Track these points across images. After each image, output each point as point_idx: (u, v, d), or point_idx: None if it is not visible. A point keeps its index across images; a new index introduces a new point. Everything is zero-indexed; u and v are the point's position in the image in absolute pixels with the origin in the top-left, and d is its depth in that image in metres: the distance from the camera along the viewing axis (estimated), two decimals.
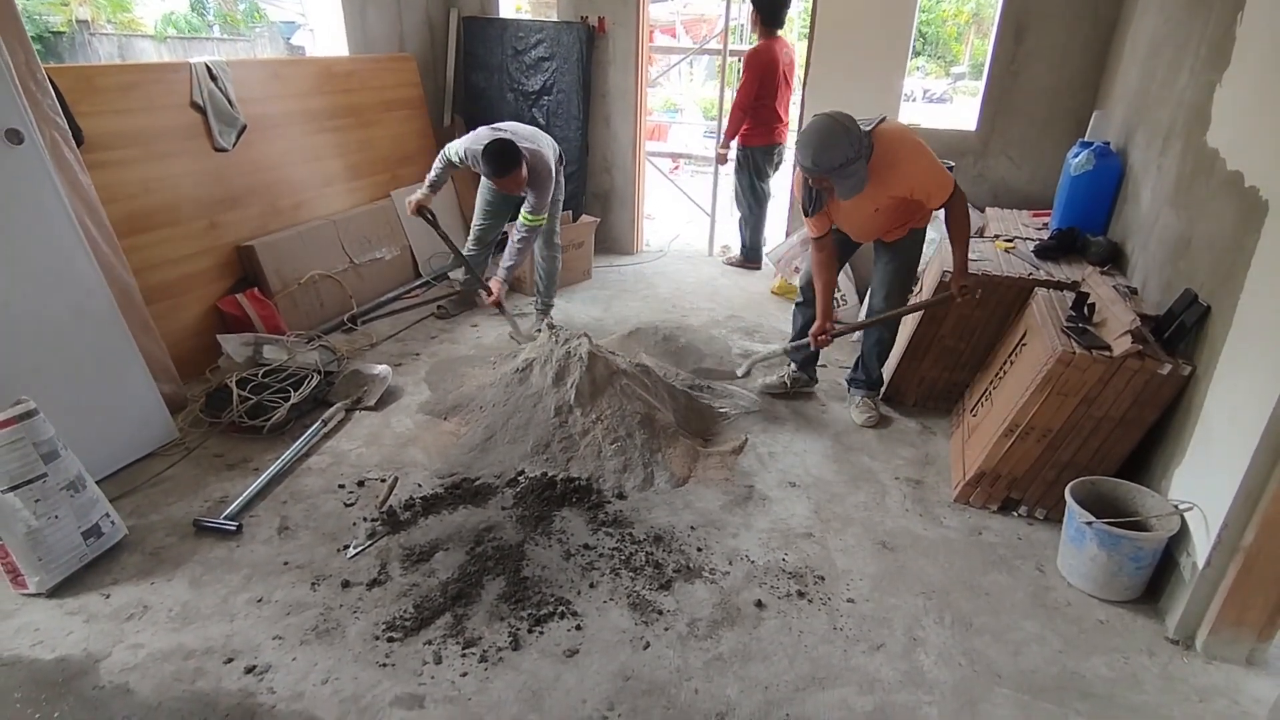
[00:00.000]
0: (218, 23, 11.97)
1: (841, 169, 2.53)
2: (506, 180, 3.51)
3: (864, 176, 2.59)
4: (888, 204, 2.77)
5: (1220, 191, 2.28)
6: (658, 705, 1.88)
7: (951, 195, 2.73)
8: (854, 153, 2.52)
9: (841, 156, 2.51)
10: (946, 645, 2.08)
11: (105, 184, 2.97)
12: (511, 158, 3.45)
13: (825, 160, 2.53)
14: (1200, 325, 2.25)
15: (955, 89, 16.76)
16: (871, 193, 2.69)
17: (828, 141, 2.51)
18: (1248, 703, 1.92)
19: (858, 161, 2.54)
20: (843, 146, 2.50)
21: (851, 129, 2.53)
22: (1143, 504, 2.30)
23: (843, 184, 2.59)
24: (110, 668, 1.95)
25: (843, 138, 2.51)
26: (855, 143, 2.52)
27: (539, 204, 3.63)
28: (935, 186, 2.70)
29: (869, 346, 3.24)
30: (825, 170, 2.56)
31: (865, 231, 3.02)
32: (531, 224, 3.67)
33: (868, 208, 2.80)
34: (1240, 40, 2.35)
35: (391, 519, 2.53)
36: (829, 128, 2.53)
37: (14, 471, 2.09)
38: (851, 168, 2.54)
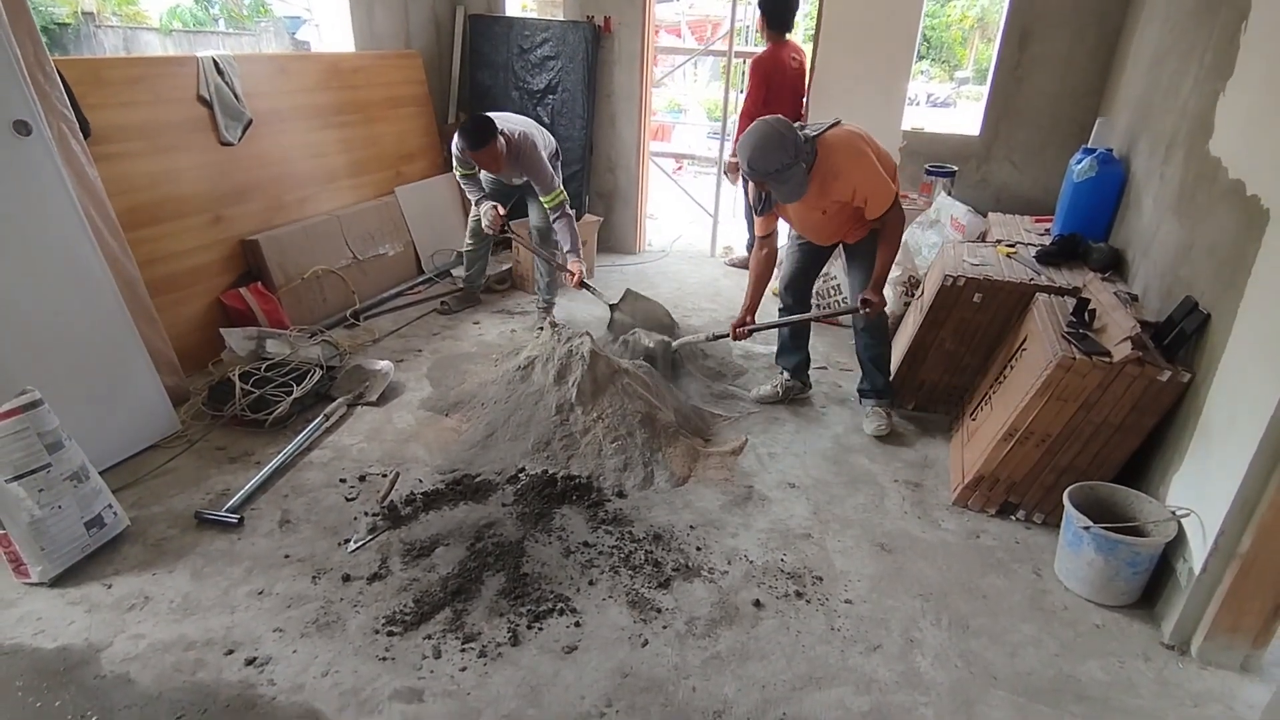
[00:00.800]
0: (222, 16, 11.97)
1: (778, 174, 2.60)
2: (483, 153, 3.54)
3: (802, 181, 2.65)
4: (833, 208, 2.82)
5: (1222, 200, 2.29)
6: (655, 702, 1.89)
7: (889, 209, 2.77)
8: (789, 159, 2.57)
9: (776, 162, 2.58)
10: (943, 647, 2.09)
11: (112, 177, 2.98)
12: (486, 130, 3.50)
13: (760, 165, 2.60)
14: (1200, 333, 2.27)
15: (959, 93, 16.78)
16: (816, 197, 2.75)
17: (763, 147, 2.58)
18: (1242, 709, 1.93)
19: (794, 167, 2.59)
20: (777, 153, 2.57)
21: (787, 135, 2.58)
22: (1140, 509, 2.31)
23: (780, 188, 2.67)
24: (111, 657, 1.96)
25: (777, 143, 2.57)
26: (791, 149, 2.57)
27: (543, 182, 3.69)
28: (873, 195, 2.73)
29: (861, 355, 3.23)
30: (761, 174, 2.63)
31: (819, 234, 3.05)
32: (554, 202, 3.74)
33: (815, 212, 2.86)
34: (1244, 50, 2.37)
35: (392, 514, 2.54)
36: (764, 133, 2.59)
37: (18, 461, 2.10)
38: (788, 173, 2.60)
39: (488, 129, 3.50)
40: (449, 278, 4.85)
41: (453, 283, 4.75)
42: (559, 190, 3.75)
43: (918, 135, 4.66)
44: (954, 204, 4.12)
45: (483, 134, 3.50)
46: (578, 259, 3.85)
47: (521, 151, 3.65)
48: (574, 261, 3.85)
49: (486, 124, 3.51)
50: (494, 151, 3.55)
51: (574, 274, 3.84)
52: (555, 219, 3.80)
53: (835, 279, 4.21)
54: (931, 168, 4.40)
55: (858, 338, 3.20)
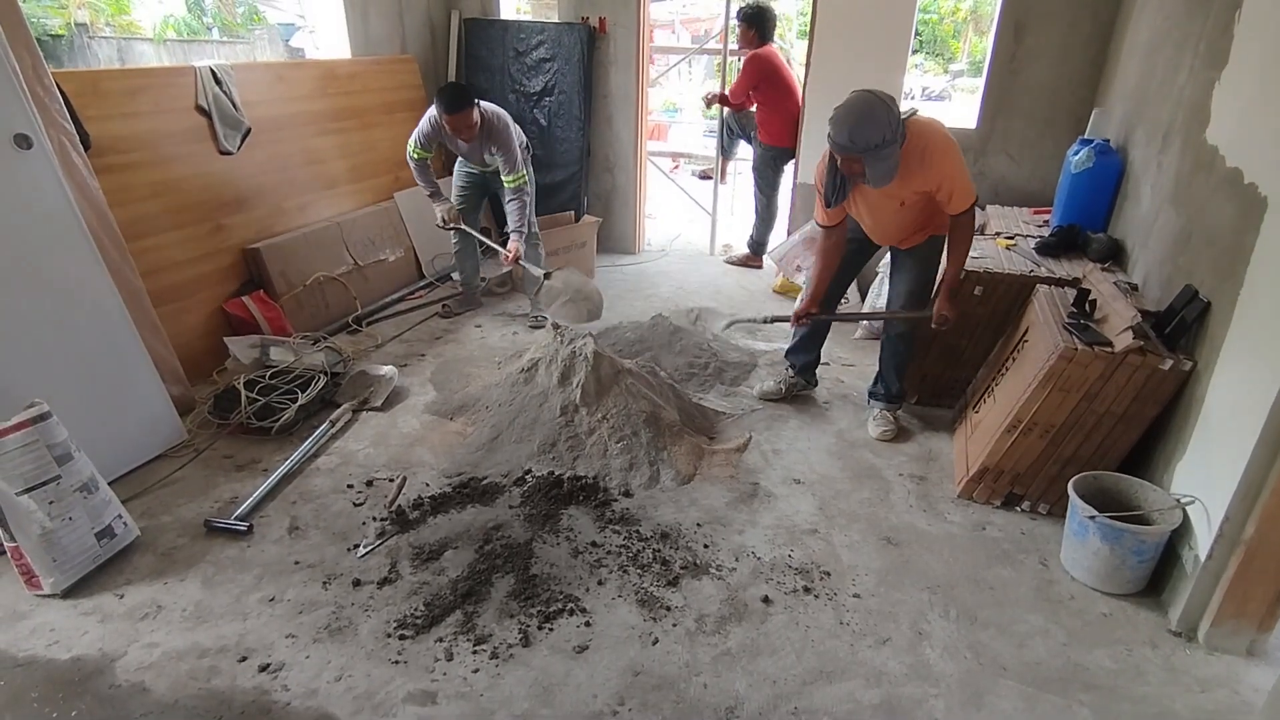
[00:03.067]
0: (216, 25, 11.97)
1: (877, 150, 2.42)
2: (458, 118, 3.57)
3: (897, 163, 2.50)
4: (913, 200, 2.68)
5: (1220, 188, 2.30)
6: (667, 700, 1.90)
7: (970, 206, 2.66)
8: (891, 134, 2.41)
9: (879, 135, 2.40)
10: (952, 639, 2.10)
11: (113, 188, 2.99)
12: (465, 95, 3.56)
13: (862, 137, 2.40)
14: (1201, 321, 2.28)
15: (954, 86, 16.77)
16: (899, 185, 2.60)
17: (867, 117, 2.39)
18: (1248, 692, 1.95)
19: (893, 145, 2.44)
20: (881, 124, 2.39)
21: (892, 108, 2.43)
22: (1145, 498, 2.32)
23: (875, 167, 2.48)
24: (126, 667, 1.97)
25: (883, 114, 2.40)
26: (894, 124, 2.42)
27: (509, 160, 3.74)
28: (960, 188, 2.61)
29: (886, 359, 3.17)
30: (861, 149, 2.43)
31: (886, 230, 2.91)
32: (514, 183, 3.79)
33: (893, 202, 2.72)
34: (1239, 38, 2.37)
35: (400, 518, 2.55)
36: (869, 102, 2.41)
37: (28, 474, 2.11)
38: (887, 149, 2.44)
39: (466, 94, 3.57)
40: (450, 281, 4.86)
41: (453, 286, 4.76)
42: (522, 173, 3.83)
43: None
44: None
45: (461, 98, 3.55)
46: (518, 239, 3.88)
47: (494, 128, 3.72)
48: (513, 240, 3.88)
49: (465, 90, 3.59)
50: (469, 119, 3.59)
51: (510, 251, 3.88)
52: (512, 198, 3.85)
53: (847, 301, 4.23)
54: None
55: (888, 343, 3.13)
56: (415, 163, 3.91)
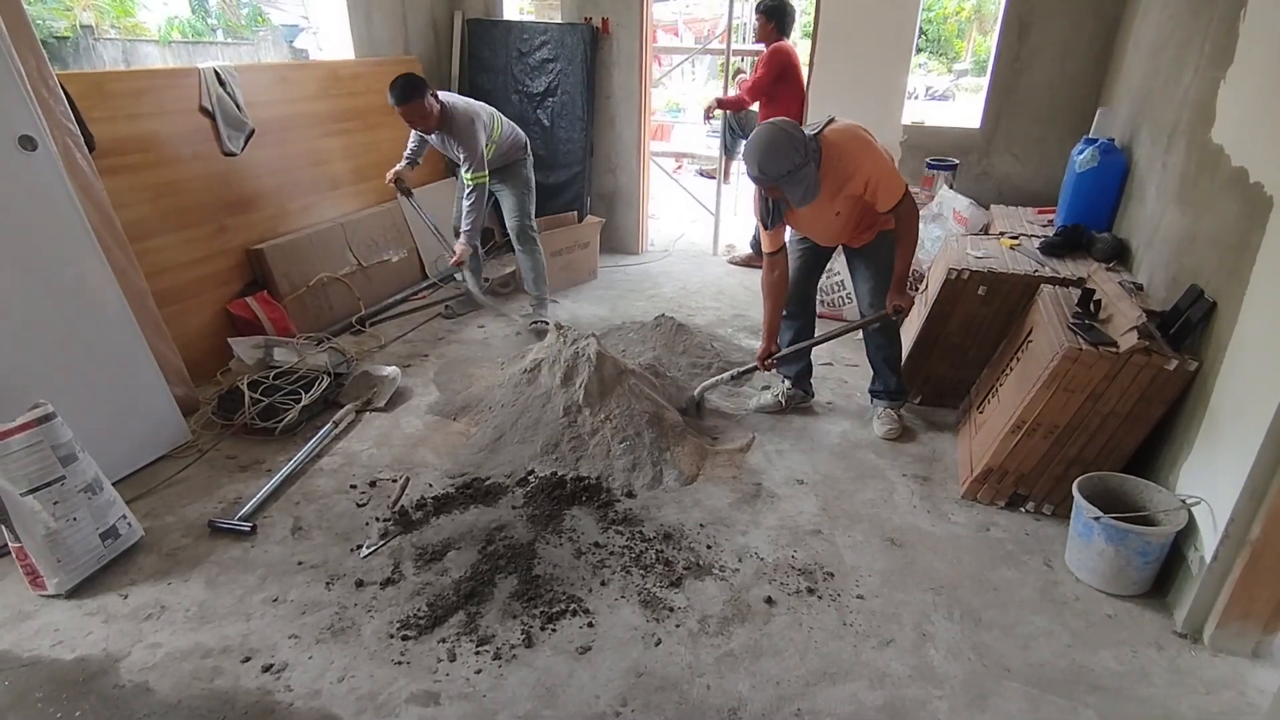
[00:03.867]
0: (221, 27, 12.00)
1: (789, 176, 2.51)
2: (409, 109, 3.56)
3: (814, 182, 2.57)
4: (847, 205, 2.73)
5: (1225, 188, 2.29)
6: (670, 701, 1.90)
7: (901, 201, 2.67)
8: (800, 159, 2.49)
9: (787, 163, 2.49)
10: (956, 640, 2.10)
11: (117, 189, 3.00)
12: (412, 87, 3.53)
13: (771, 168, 2.51)
14: (1206, 321, 2.27)
15: (958, 86, 16.74)
16: (828, 196, 2.67)
17: (771, 149, 2.49)
18: (1253, 694, 1.93)
19: (805, 167, 2.52)
20: (787, 153, 2.48)
21: (795, 134, 2.51)
22: (1150, 499, 2.31)
23: (793, 191, 2.57)
24: (130, 667, 1.97)
25: (786, 144, 2.49)
26: (800, 148, 2.49)
27: (472, 157, 3.69)
28: (884, 184, 2.64)
29: (871, 356, 3.19)
30: (773, 179, 2.54)
31: (831, 237, 2.97)
32: (474, 181, 3.74)
33: (828, 212, 2.77)
34: (1243, 37, 2.36)
35: (404, 519, 2.55)
36: (771, 135, 2.51)
37: (33, 474, 2.12)
38: (799, 174, 2.52)
39: (414, 86, 3.53)
40: (453, 282, 4.86)
41: (456, 287, 4.76)
42: (483, 174, 3.76)
43: (918, 129, 4.66)
44: (956, 197, 4.12)
45: (408, 90, 3.52)
46: (464, 244, 3.83)
47: (454, 121, 3.67)
48: (460, 243, 3.84)
49: (415, 82, 3.55)
50: (420, 109, 3.56)
51: (456, 251, 3.84)
52: (466, 193, 3.79)
53: (839, 274, 4.21)
54: (932, 161, 4.39)
55: (868, 339, 3.14)
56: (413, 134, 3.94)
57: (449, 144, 3.78)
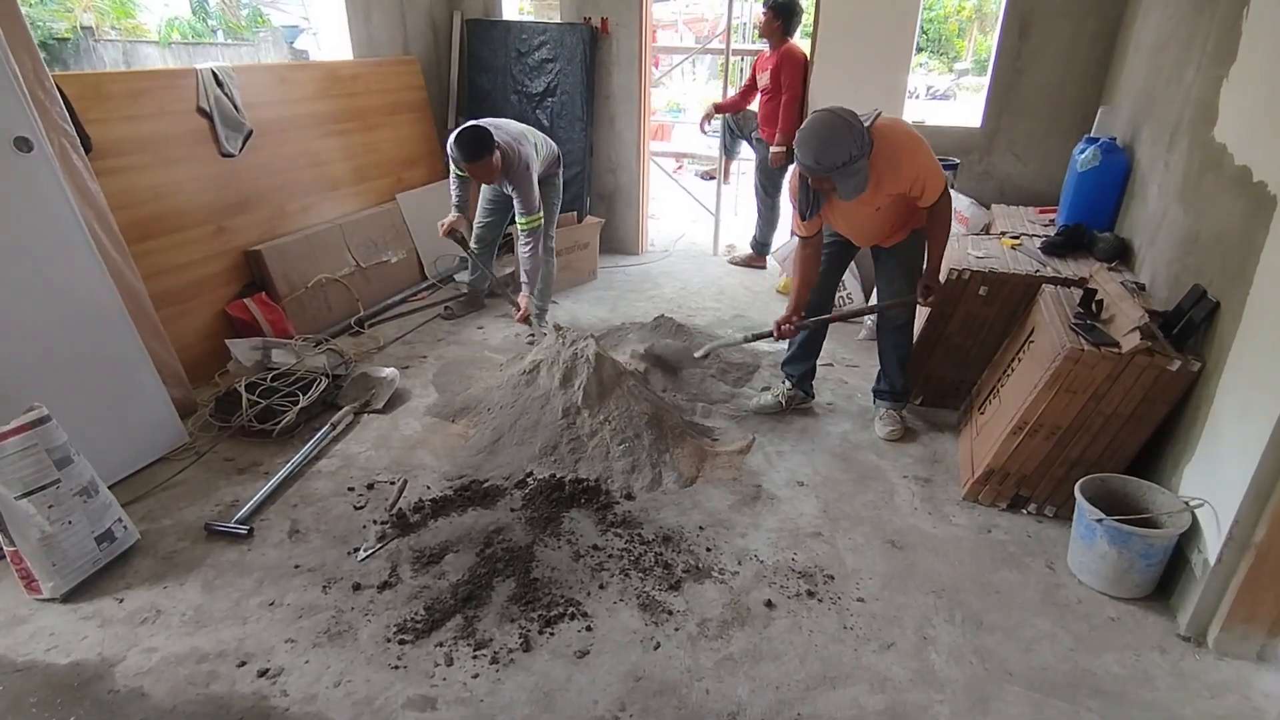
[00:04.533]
0: (221, 28, 12.00)
1: (845, 168, 2.43)
2: (477, 166, 3.45)
3: (866, 175, 2.49)
4: (888, 203, 2.67)
5: (1228, 187, 2.27)
6: (669, 705, 1.88)
7: (942, 195, 2.66)
8: (858, 150, 2.41)
9: (845, 154, 2.40)
10: (957, 643, 2.08)
11: (114, 191, 2.99)
12: (483, 144, 3.40)
13: (828, 159, 2.41)
14: (1209, 321, 2.25)
15: (958, 85, 16.72)
16: (872, 192, 2.59)
17: (831, 139, 2.40)
18: (1258, 698, 1.92)
19: (861, 159, 2.43)
20: (846, 143, 2.39)
21: (855, 125, 2.42)
22: (1153, 501, 2.29)
23: (845, 183, 2.49)
24: (125, 672, 1.96)
25: (846, 134, 2.40)
26: (858, 139, 2.41)
27: (526, 203, 3.60)
28: (932, 181, 2.61)
29: (885, 354, 3.14)
30: (828, 169, 2.44)
31: (865, 234, 2.90)
32: (528, 227, 3.63)
33: (868, 208, 2.70)
34: (1247, 35, 2.35)
35: (401, 521, 2.54)
36: (831, 123, 2.41)
37: (27, 478, 2.10)
38: (855, 166, 2.43)
39: (484, 143, 3.40)
40: (452, 283, 4.86)
41: (456, 288, 4.75)
42: (538, 215, 3.65)
43: (919, 128, 4.61)
44: (957, 196, 4.10)
45: (478, 148, 3.39)
46: (529, 295, 3.71)
47: (514, 169, 3.55)
48: (524, 295, 3.72)
49: (483, 138, 3.41)
50: (489, 165, 3.45)
51: (520, 308, 3.72)
52: (524, 243, 3.69)
53: (846, 288, 4.20)
54: None
55: (886, 337, 3.10)
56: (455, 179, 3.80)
57: (503, 185, 3.69)
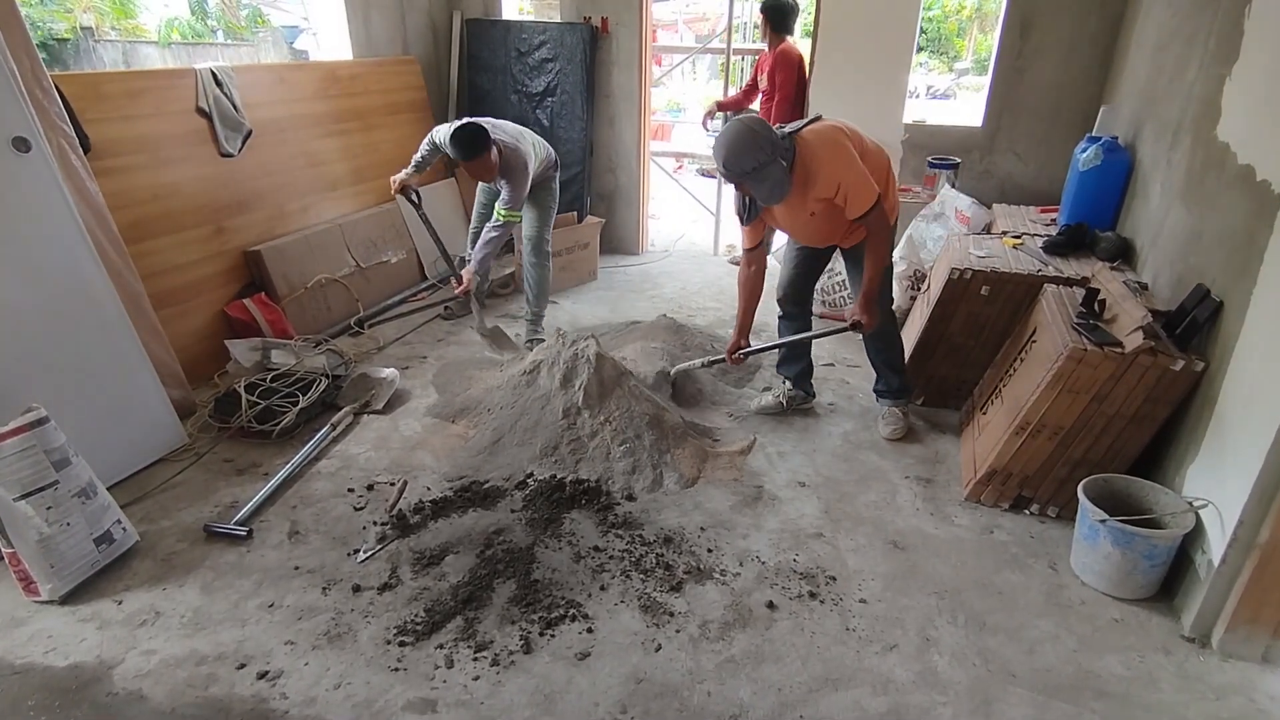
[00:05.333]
0: (220, 28, 12.00)
1: (754, 173, 2.49)
2: (474, 164, 3.46)
3: (782, 180, 2.52)
4: (822, 208, 2.66)
5: (1232, 186, 2.26)
6: (670, 708, 1.87)
7: (870, 210, 2.58)
8: (765, 157, 2.46)
9: (752, 161, 2.46)
10: (960, 645, 2.07)
11: (113, 191, 2.98)
12: (480, 141, 3.40)
13: (735, 165, 2.48)
14: (1213, 320, 2.24)
15: (958, 85, 16.72)
16: (799, 197, 2.62)
17: (736, 146, 2.47)
18: (1264, 700, 1.90)
19: (770, 166, 2.47)
20: (751, 151, 2.45)
21: (760, 132, 2.47)
22: (1156, 501, 2.28)
23: (759, 188, 2.54)
24: (123, 674, 1.95)
25: (750, 142, 2.46)
26: (765, 147, 2.45)
27: (513, 198, 3.59)
28: (855, 193, 2.56)
29: (872, 359, 3.14)
30: (737, 175, 2.52)
31: (813, 237, 2.91)
32: (505, 218, 3.62)
33: (802, 214, 2.71)
34: (1249, 33, 2.34)
35: (401, 522, 2.53)
36: (737, 132, 2.49)
37: (25, 479, 2.09)
38: (764, 172, 2.48)
39: (481, 140, 3.40)
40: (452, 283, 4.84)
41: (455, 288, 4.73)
42: (517, 214, 3.65)
43: (920, 128, 4.64)
44: (958, 196, 4.10)
45: (475, 145, 3.40)
46: (471, 273, 3.71)
47: (511, 169, 3.55)
48: (467, 271, 3.71)
49: (480, 135, 3.41)
50: (486, 163, 3.45)
51: (461, 281, 3.71)
52: (492, 226, 3.64)
53: (840, 274, 4.18)
54: (934, 160, 4.37)
55: (866, 342, 3.11)
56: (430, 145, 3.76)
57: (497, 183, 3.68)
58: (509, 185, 3.58)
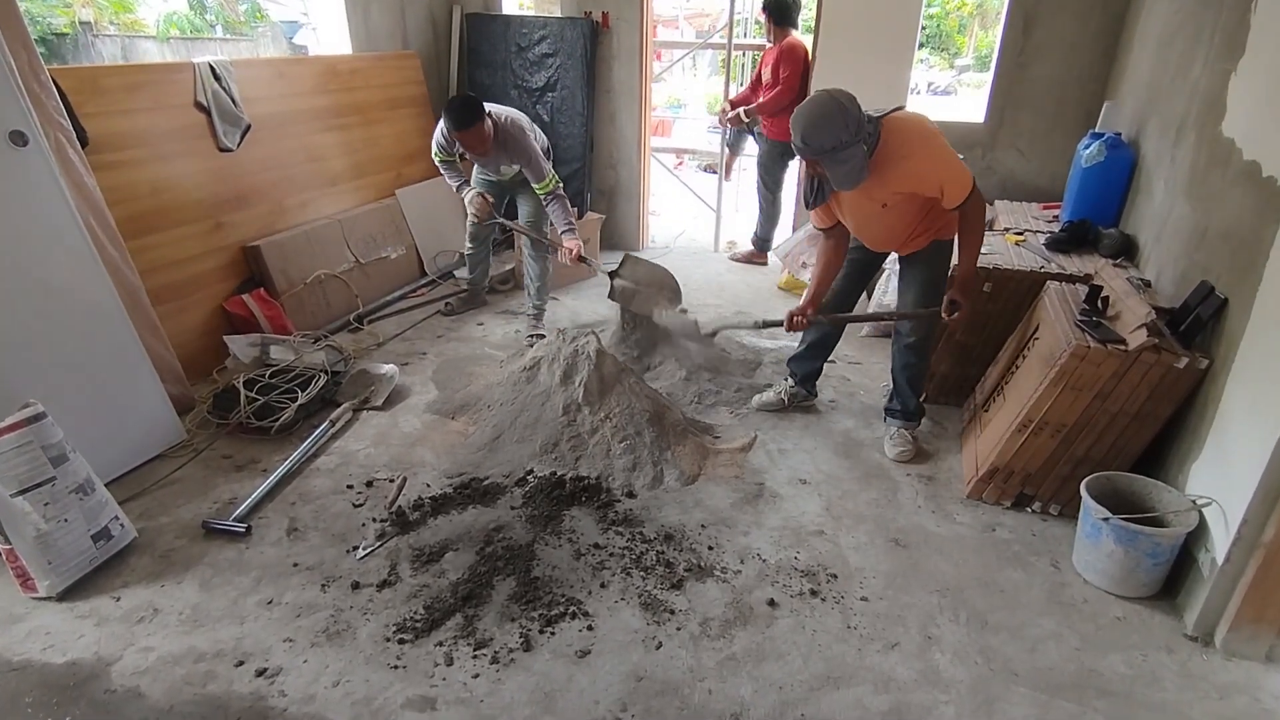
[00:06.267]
0: (219, 23, 11.96)
1: (833, 153, 2.30)
2: (469, 133, 3.41)
3: (861, 165, 2.35)
4: (896, 201, 2.53)
5: (1237, 182, 2.25)
6: (671, 706, 1.86)
7: (969, 196, 2.46)
8: (849, 136, 2.28)
9: (834, 139, 2.27)
10: (962, 643, 2.06)
11: (111, 185, 2.96)
12: (473, 110, 3.37)
13: (815, 140, 2.30)
14: (1217, 318, 2.22)
15: (959, 81, 16.68)
16: (875, 186, 2.46)
17: (820, 119, 2.28)
18: (1268, 700, 1.90)
19: (852, 147, 2.30)
20: (836, 127, 2.27)
21: (850, 109, 2.29)
22: (1160, 499, 2.27)
23: (835, 170, 2.37)
24: (121, 671, 1.94)
25: (838, 117, 2.27)
26: (852, 124, 2.28)
27: (535, 169, 3.56)
28: (950, 181, 2.43)
29: (896, 373, 2.98)
30: (815, 152, 2.33)
31: (875, 234, 2.77)
32: (547, 189, 3.60)
33: (874, 204, 2.56)
34: (1255, 28, 2.32)
35: (401, 519, 2.52)
36: (824, 103, 2.30)
37: (23, 475, 2.08)
38: (845, 153, 2.30)
39: (474, 107, 3.38)
40: (452, 279, 4.83)
41: (456, 284, 4.72)
42: (551, 175, 3.63)
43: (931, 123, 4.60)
44: None
45: (469, 112, 3.36)
46: (573, 236, 3.68)
47: (509, 136, 3.51)
48: (569, 239, 3.67)
49: (473, 102, 3.39)
50: (480, 133, 3.42)
51: (571, 249, 3.66)
52: (549, 203, 3.66)
53: None
54: None
55: (898, 354, 2.94)
56: (442, 164, 3.78)
57: (502, 161, 3.65)
58: (522, 160, 3.55)
